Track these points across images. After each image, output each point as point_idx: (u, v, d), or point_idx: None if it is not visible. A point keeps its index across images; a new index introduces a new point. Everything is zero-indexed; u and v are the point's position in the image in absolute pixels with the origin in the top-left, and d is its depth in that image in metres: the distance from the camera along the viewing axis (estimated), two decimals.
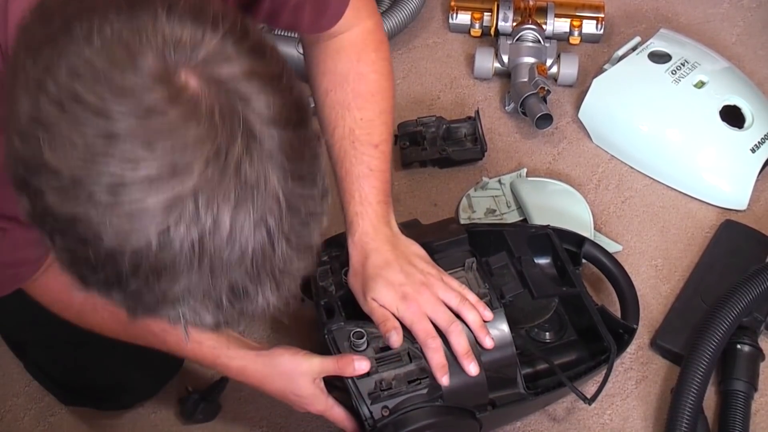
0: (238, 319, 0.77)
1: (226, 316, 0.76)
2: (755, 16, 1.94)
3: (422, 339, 1.17)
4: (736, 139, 1.63)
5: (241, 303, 0.75)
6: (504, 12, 1.85)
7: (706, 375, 1.30)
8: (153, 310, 0.75)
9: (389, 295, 1.18)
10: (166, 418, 1.36)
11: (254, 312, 0.77)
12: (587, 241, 1.43)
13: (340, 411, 1.19)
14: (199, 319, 0.75)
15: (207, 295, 0.73)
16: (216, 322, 0.76)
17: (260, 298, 0.75)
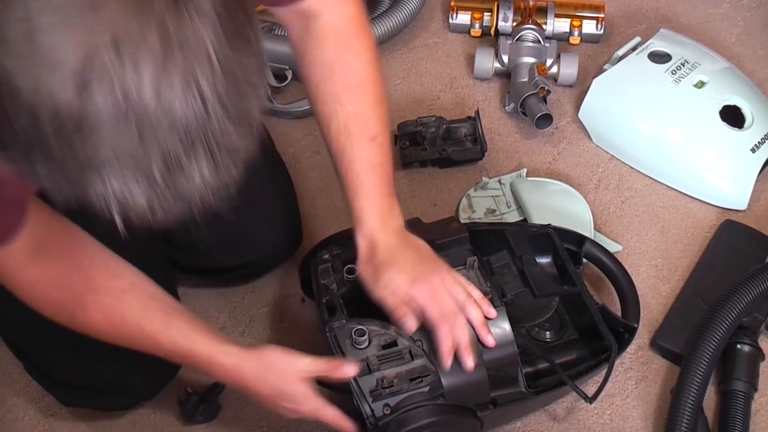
0: (172, 199, 0.74)
1: (160, 195, 0.73)
2: (755, 16, 1.95)
3: (436, 319, 1.16)
4: (736, 139, 1.63)
5: (175, 178, 0.72)
6: (504, 12, 1.85)
7: (706, 375, 1.30)
8: (80, 185, 0.71)
9: (400, 278, 1.17)
10: (166, 418, 1.36)
11: (189, 192, 0.74)
12: (588, 241, 1.43)
13: (332, 411, 1.18)
14: (131, 195, 0.72)
15: (137, 165, 0.70)
16: (149, 200, 0.73)
17: (195, 173, 0.72)
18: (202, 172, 0.73)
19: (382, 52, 1.86)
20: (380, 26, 1.82)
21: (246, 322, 1.47)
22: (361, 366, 1.18)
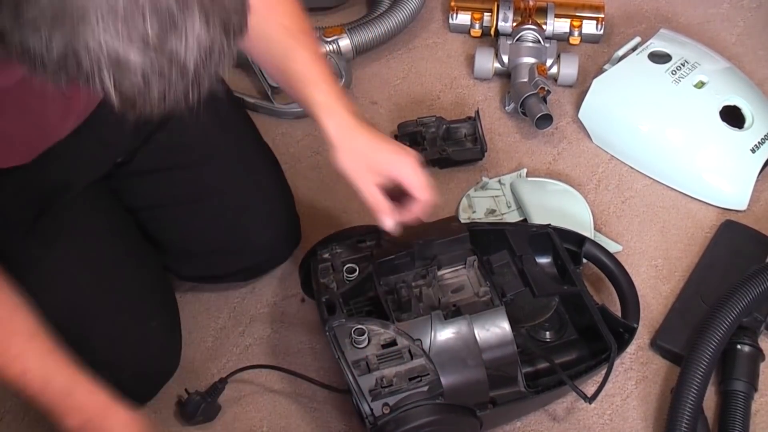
0: (167, 65, 0.73)
1: (154, 60, 0.72)
2: (755, 16, 1.95)
3: (417, 189, 1.20)
4: (736, 139, 1.63)
5: (169, 38, 0.72)
6: (504, 12, 1.85)
7: (706, 375, 1.29)
8: (71, 44, 0.71)
9: (384, 156, 1.20)
10: (166, 419, 1.36)
11: (184, 57, 0.74)
12: (588, 241, 1.43)
13: None
14: (124, 56, 0.72)
15: (129, 20, 0.70)
16: (143, 66, 0.73)
17: (189, 33, 0.73)
18: (196, 31, 0.73)
19: (382, 52, 1.86)
20: (380, 26, 1.82)
21: (246, 322, 1.47)
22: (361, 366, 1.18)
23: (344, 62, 1.77)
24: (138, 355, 1.28)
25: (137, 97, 0.76)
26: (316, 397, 1.37)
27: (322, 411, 1.37)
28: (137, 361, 1.28)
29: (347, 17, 1.91)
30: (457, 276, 1.28)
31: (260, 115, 1.74)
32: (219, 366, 1.41)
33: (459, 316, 1.20)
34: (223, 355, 1.43)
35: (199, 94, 0.79)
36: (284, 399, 1.38)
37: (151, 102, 0.77)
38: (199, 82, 0.78)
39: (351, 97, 1.21)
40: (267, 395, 1.39)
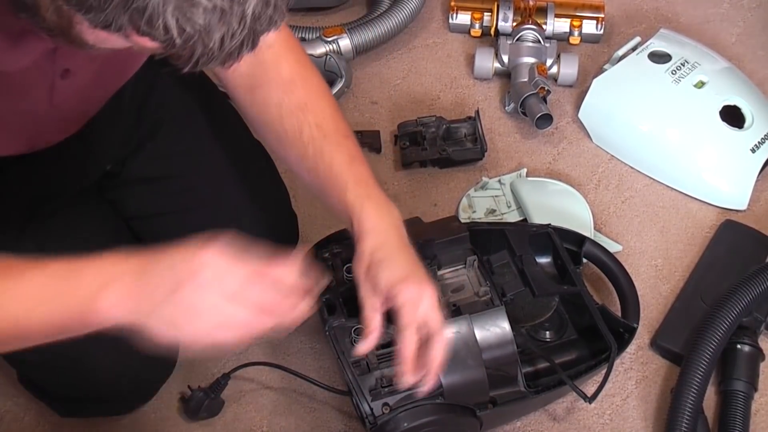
0: (229, 9, 0.74)
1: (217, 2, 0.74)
2: (755, 16, 1.95)
3: (406, 324, 1.07)
4: (736, 139, 1.63)
5: None
6: (504, 12, 1.85)
7: (706, 375, 1.29)
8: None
9: (393, 275, 1.08)
10: (167, 417, 1.36)
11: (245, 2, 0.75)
12: (588, 241, 1.43)
13: None
14: (190, 6, 0.73)
15: None
16: (206, 6, 0.74)
17: None
18: None
19: (382, 52, 1.86)
20: (380, 26, 1.82)
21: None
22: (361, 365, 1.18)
23: (344, 62, 1.78)
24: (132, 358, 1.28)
25: (197, 43, 0.76)
26: (316, 397, 1.37)
27: (322, 411, 1.37)
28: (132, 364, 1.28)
29: (347, 17, 1.91)
30: (457, 276, 1.28)
31: None
32: (219, 365, 1.41)
33: (459, 315, 1.20)
34: (223, 355, 1.43)
35: (251, 48, 0.80)
36: (284, 399, 1.38)
37: (209, 50, 0.77)
38: (253, 34, 0.79)
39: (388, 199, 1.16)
40: (267, 395, 1.39)
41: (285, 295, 0.93)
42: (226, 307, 0.90)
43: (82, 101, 1.13)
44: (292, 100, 1.17)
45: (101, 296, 0.90)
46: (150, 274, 0.91)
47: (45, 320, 0.91)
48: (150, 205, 1.37)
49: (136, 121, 1.32)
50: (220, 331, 0.91)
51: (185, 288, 0.89)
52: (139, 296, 0.90)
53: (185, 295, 0.89)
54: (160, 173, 1.36)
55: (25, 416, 1.37)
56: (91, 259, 0.92)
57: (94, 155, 1.27)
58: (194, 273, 0.90)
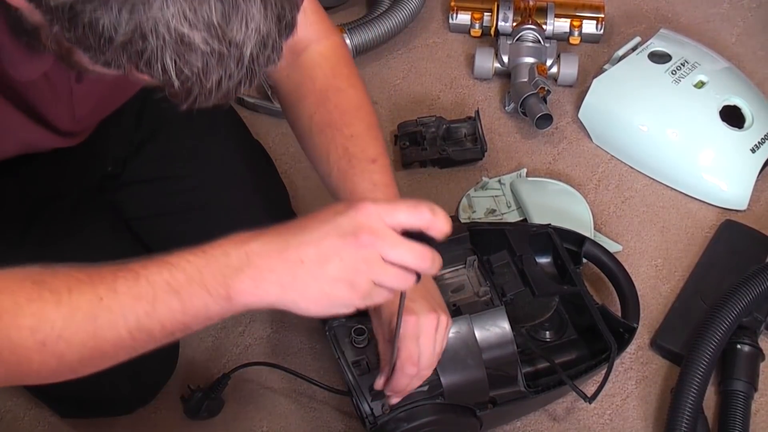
0: (227, 53, 0.75)
1: (215, 46, 0.74)
2: (755, 16, 1.95)
3: (403, 360, 1.07)
4: (736, 139, 1.63)
5: (231, 24, 0.74)
6: (504, 12, 1.85)
7: (706, 375, 1.29)
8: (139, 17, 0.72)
9: None
10: (167, 417, 1.36)
11: (242, 45, 0.75)
12: (588, 241, 1.43)
13: None
14: (188, 41, 0.74)
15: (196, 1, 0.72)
16: (204, 50, 0.74)
17: (249, 21, 0.75)
18: (255, 20, 0.75)
19: (382, 52, 1.86)
20: (380, 26, 1.81)
21: (246, 323, 1.47)
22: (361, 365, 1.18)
23: None
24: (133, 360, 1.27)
25: (195, 84, 0.77)
26: (316, 397, 1.37)
27: (322, 411, 1.37)
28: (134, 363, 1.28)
29: (347, 17, 1.91)
30: (457, 276, 1.28)
31: (260, 115, 1.74)
32: (219, 366, 1.41)
33: (459, 315, 1.20)
34: (223, 355, 1.43)
35: (248, 86, 0.80)
36: (284, 399, 1.38)
37: (206, 90, 0.78)
38: (251, 74, 0.79)
39: None
40: (267, 395, 1.39)
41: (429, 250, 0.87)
42: (384, 268, 0.84)
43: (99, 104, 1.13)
44: (322, 115, 1.16)
45: (233, 283, 0.83)
46: (291, 248, 0.84)
47: (165, 321, 0.84)
48: (150, 206, 1.37)
49: (137, 122, 1.32)
50: (372, 293, 0.85)
51: (343, 252, 0.83)
52: (279, 274, 0.83)
53: (344, 261, 0.83)
54: (161, 174, 1.36)
55: (25, 416, 1.37)
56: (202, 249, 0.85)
57: (96, 156, 1.27)
58: (351, 235, 0.84)
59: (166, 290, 0.82)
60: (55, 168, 1.20)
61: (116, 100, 1.17)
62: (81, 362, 0.84)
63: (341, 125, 1.15)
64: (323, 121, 1.16)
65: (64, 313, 0.80)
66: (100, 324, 0.81)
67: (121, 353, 0.85)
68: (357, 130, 1.15)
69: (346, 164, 1.14)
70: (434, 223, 0.88)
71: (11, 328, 0.79)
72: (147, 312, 0.82)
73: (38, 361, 0.81)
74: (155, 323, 0.83)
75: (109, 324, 0.82)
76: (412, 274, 0.86)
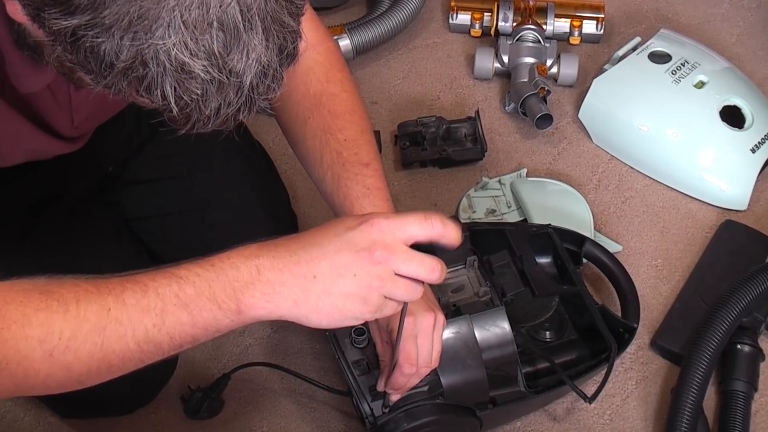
0: (227, 81, 0.75)
1: (215, 74, 0.74)
2: (755, 16, 1.95)
3: (403, 359, 1.06)
4: (736, 139, 1.63)
5: (232, 53, 0.74)
6: (504, 12, 1.85)
7: (706, 375, 1.29)
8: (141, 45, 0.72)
9: None
10: (167, 417, 1.36)
11: (242, 75, 0.75)
12: (588, 241, 1.43)
13: None
14: (189, 69, 0.74)
15: (199, 28, 0.72)
16: (204, 78, 0.74)
17: (250, 51, 0.74)
18: (256, 50, 0.75)
19: (382, 52, 1.86)
20: (380, 26, 1.82)
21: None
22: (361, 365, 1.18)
23: None
24: None
25: (193, 111, 0.78)
26: (316, 397, 1.37)
27: (322, 411, 1.37)
28: None
29: (347, 17, 1.91)
30: (457, 276, 1.28)
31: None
32: (219, 365, 1.41)
33: (459, 316, 1.20)
34: (223, 355, 1.43)
35: (247, 114, 0.81)
36: (284, 399, 1.38)
37: (204, 117, 0.78)
38: (251, 103, 0.79)
39: None
40: (267, 395, 1.39)
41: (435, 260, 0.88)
42: (396, 283, 0.85)
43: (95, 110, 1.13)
44: (316, 120, 1.16)
45: (243, 297, 0.84)
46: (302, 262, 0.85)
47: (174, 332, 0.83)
48: (150, 206, 1.37)
49: (137, 122, 1.32)
50: (383, 307, 0.87)
51: (357, 268, 0.84)
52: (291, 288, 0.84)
53: (357, 277, 0.84)
54: (161, 174, 1.36)
55: (25, 416, 1.37)
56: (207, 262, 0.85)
57: (96, 157, 1.27)
58: (366, 251, 0.84)
59: (175, 303, 0.82)
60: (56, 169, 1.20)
61: (112, 107, 1.17)
62: (88, 374, 0.83)
63: (335, 130, 1.15)
64: (317, 126, 1.16)
65: (72, 323, 0.80)
66: (108, 335, 0.81)
67: (128, 365, 0.85)
68: (350, 134, 1.16)
69: (340, 168, 1.14)
70: (445, 233, 0.88)
71: (19, 339, 0.79)
72: (155, 324, 0.82)
73: (45, 372, 0.81)
74: (164, 336, 0.83)
75: (117, 335, 0.82)
76: (420, 285, 0.87)
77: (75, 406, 1.35)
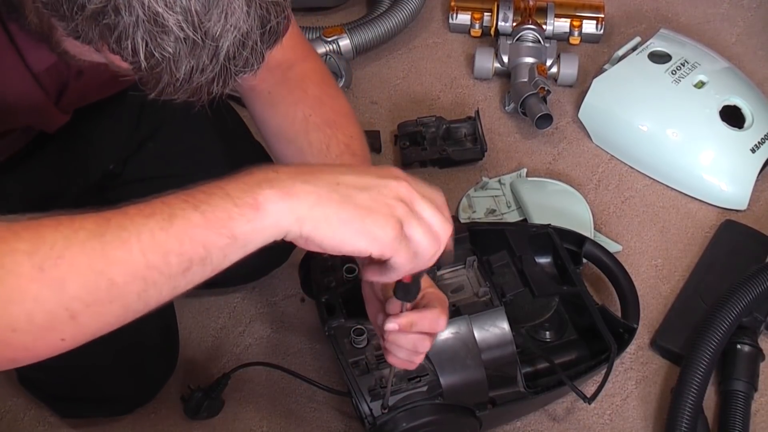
0: (201, 43, 0.73)
1: (190, 33, 0.72)
2: (755, 16, 1.95)
3: None
4: (736, 139, 1.63)
5: (210, 13, 0.72)
6: (504, 12, 1.85)
7: (706, 375, 1.29)
8: None
9: None
10: (167, 417, 1.36)
11: (219, 39, 0.73)
12: (588, 241, 1.43)
13: None
14: (162, 22, 0.72)
15: None
16: (178, 35, 0.72)
17: (229, 14, 0.73)
18: (235, 15, 0.73)
19: (382, 52, 1.87)
20: (380, 26, 1.82)
21: (246, 322, 1.47)
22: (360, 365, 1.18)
23: (344, 62, 1.78)
24: (134, 357, 1.28)
25: (164, 71, 0.75)
26: (316, 397, 1.37)
27: (322, 411, 1.37)
28: (134, 363, 1.28)
29: (347, 17, 1.91)
30: (456, 276, 1.28)
31: None
32: (219, 365, 1.41)
33: (458, 316, 1.20)
34: (223, 355, 1.43)
35: (222, 87, 0.78)
36: (284, 399, 1.38)
37: (175, 80, 0.76)
38: (226, 73, 0.77)
39: None
40: (267, 395, 1.39)
41: None
42: (418, 219, 0.82)
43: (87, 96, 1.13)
44: (320, 116, 1.16)
45: (261, 190, 0.78)
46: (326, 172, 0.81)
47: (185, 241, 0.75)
48: None
49: (138, 121, 1.32)
50: (402, 242, 0.81)
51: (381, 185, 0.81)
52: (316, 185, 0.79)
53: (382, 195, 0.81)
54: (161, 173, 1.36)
55: (25, 416, 1.37)
56: None
57: (97, 155, 1.27)
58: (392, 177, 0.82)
59: (183, 207, 0.75)
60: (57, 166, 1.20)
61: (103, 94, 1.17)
62: (84, 297, 0.72)
63: (341, 125, 1.16)
64: (322, 121, 1.16)
65: (66, 232, 0.72)
66: (108, 240, 0.72)
67: (131, 287, 0.73)
68: (355, 132, 1.17)
69: (351, 158, 1.14)
70: None
71: (5, 255, 0.70)
72: (162, 227, 0.74)
73: (34, 295, 0.70)
74: (172, 240, 0.74)
75: (119, 240, 0.72)
76: (437, 245, 0.84)
77: (75, 406, 1.35)
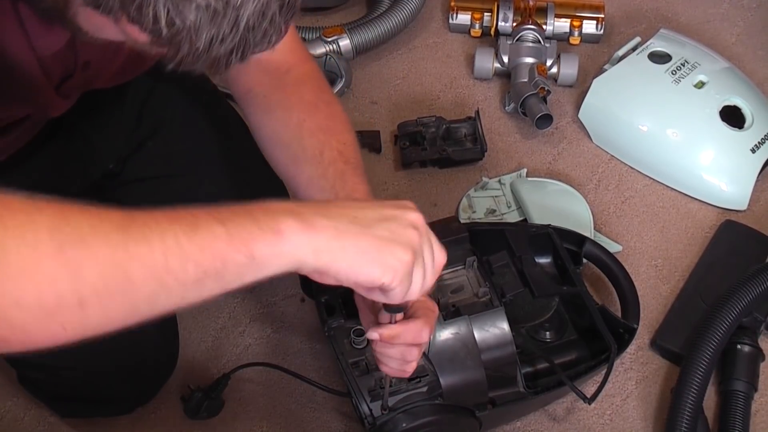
0: (222, 12, 0.73)
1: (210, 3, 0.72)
2: (755, 16, 1.95)
3: None
4: (736, 139, 1.63)
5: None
6: (504, 12, 1.85)
7: (706, 375, 1.29)
8: None
9: None
10: (167, 417, 1.36)
11: (240, 9, 0.74)
12: (588, 241, 1.43)
13: None
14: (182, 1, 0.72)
15: None
16: (197, 8, 0.72)
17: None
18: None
19: (382, 52, 1.86)
20: (380, 26, 1.82)
21: (246, 322, 1.47)
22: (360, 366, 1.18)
23: (344, 62, 1.78)
24: (134, 357, 1.28)
25: (184, 41, 0.75)
26: (316, 398, 1.37)
27: (322, 411, 1.37)
28: (133, 363, 1.28)
29: (347, 17, 1.91)
30: (456, 276, 1.28)
31: None
32: (219, 365, 1.41)
33: (458, 316, 1.20)
34: (223, 355, 1.43)
35: (240, 59, 0.79)
36: (284, 399, 1.38)
37: (195, 49, 0.76)
38: (245, 44, 0.77)
39: None
40: (267, 395, 1.39)
41: None
42: (428, 244, 0.87)
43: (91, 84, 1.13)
44: (314, 122, 1.16)
45: (284, 220, 0.80)
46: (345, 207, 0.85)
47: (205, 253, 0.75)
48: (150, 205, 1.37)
49: (138, 120, 1.32)
50: (413, 274, 0.85)
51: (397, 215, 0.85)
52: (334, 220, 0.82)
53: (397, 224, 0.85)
54: (161, 172, 1.36)
55: (25, 416, 1.37)
56: None
57: (96, 154, 1.27)
58: (408, 209, 0.87)
59: (208, 219, 0.76)
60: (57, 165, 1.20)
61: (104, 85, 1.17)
62: (98, 285, 0.70)
63: (335, 132, 1.16)
64: (316, 127, 1.16)
65: (90, 219, 0.71)
66: (132, 235, 0.72)
67: (148, 284, 0.72)
68: (348, 139, 1.16)
69: (344, 165, 1.13)
70: None
71: (25, 225, 0.68)
72: (186, 232, 0.74)
73: (50, 274, 0.68)
74: (194, 248, 0.73)
75: (141, 236, 0.72)
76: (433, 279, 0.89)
77: (75, 406, 1.35)
